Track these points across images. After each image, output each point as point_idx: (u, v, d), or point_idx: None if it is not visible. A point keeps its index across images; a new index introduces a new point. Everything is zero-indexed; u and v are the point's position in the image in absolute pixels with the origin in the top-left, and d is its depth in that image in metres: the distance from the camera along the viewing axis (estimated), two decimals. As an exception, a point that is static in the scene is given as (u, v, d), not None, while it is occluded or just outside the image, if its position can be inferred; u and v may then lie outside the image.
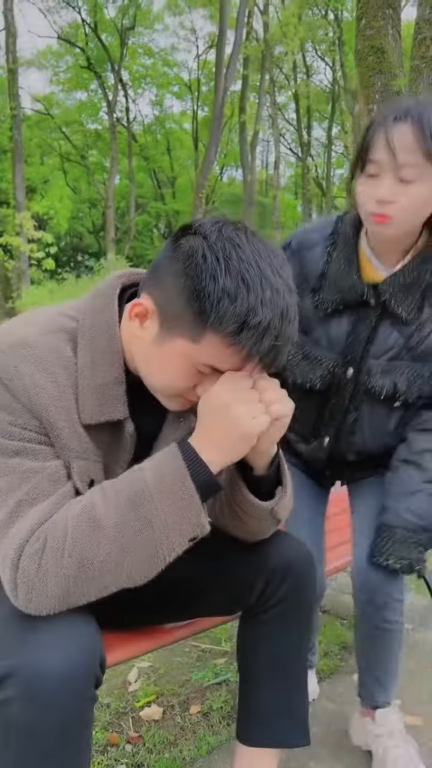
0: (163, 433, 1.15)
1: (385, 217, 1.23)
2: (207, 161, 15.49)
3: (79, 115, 28.21)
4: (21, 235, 12.06)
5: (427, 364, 1.39)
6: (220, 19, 15.10)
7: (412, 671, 2.01)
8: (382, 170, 1.22)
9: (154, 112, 32.21)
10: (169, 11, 27.06)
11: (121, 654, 1.32)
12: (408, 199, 1.22)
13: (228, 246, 0.90)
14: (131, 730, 1.74)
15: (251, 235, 0.94)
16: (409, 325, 1.36)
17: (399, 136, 1.19)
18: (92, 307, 1.06)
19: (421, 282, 1.34)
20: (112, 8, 24.35)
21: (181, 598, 1.29)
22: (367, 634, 1.53)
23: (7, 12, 15.97)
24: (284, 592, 1.22)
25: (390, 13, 4.20)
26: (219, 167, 31.95)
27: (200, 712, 1.82)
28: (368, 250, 1.39)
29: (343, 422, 1.49)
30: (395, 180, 1.21)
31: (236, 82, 20.62)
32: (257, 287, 0.89)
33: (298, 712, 1.28)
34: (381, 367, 1.39)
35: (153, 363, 1.01)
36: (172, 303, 0.94)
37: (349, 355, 1.41)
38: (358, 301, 1.37)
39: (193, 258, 0.90)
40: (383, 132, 1.20)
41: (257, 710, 1.27)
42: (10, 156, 17.46)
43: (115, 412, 1.03)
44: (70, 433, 1.00)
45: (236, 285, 0.88)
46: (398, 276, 1.34)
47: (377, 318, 1.37)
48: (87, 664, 0.89)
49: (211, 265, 0.89)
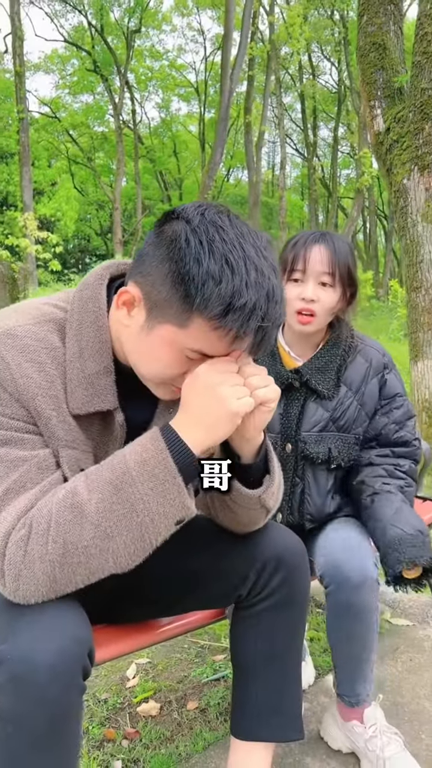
0: (154, 423, 1.15)
1: (311, 314, 1.55)
2: (213, 162, 15.47)
3: (86, 118, 28.28)
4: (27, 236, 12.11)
5: (351, 434, 1.62)
6: (225, 20, 15.09)
7: (414, 667, 2.00)
8: (306, 277, 1.55)
9: (160, 114, 32.24)
10: (177, 11, 27.13)
11: (116, 649, 1.32)
12: (327, 298, 1.55)
13: (211, 229, 0.90)
14: (128, 726, 1.74)
15: (234, 218, 0.94)
16: (330, 400, 1.60)
17: (318, 253, 1.54)
18: (80, 298, 1.06)
19: (333, 365, 1.62)
20: (118, 11, 24.42)
21: (173, 590, 1.28)
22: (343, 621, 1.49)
23: (13, 15, 16.05)
24: (276, 583, 1.22)
25: (392, 9, 4.18)
26: (225, 168, 31.98)
27: (197, 708, 1.81)
28: (285, 345, 1.66)
29: (291, 495, 1.63)
30: (316, 284, 1.55)
31: (242, 83, 20.65)
32: (241, 269, 0.88)
33: (292, 706, 1.27)
34: (313, 438, 1.60)
35: (142, 351, 1.00)
36: (158, 289, 0.93)
37: (284, 433, 1.62)
38: (285, 384, 1.59)
39: (177, 242, 0.90)
40: (304, 249, 1.55)
41: (251, 704, 1.26)
42: (17, 159, 17.54)
43: (104, 402, 1.03)
44: (58, 423, 1.00)
45: (220, 267, 0.87)
46: (314, 361, 1.62)
47: (304, 397, 1.60)
48: (76, 654, 0.89)
49: (195, 248, 0.88)
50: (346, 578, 1.43)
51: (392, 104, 4.25)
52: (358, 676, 1.54)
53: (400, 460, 1.63)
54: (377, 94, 4.24)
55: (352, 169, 28.76)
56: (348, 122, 25.46)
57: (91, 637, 0.94)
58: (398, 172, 4.16)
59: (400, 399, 1.66)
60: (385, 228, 28.37)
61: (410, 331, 4.31)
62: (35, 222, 12.15)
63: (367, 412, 1.63)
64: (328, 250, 1.55)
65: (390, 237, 24.94)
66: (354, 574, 1.42)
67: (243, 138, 21.38)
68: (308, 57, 25.32)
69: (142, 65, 27.00)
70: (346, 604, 1.44)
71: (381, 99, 4.23)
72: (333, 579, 1.45)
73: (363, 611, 1.45)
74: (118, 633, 1.35)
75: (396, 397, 1.65)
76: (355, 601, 1.43)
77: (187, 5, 26.56)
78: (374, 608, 1.47)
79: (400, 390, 1.66)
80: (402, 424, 1.65)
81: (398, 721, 1.72)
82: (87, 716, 1.77)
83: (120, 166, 23.03)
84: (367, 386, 1.63)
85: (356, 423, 1.62)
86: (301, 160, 33.11)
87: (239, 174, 35.04)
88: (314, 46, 24.92)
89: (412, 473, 1.64)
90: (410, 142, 4.06)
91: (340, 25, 22.26)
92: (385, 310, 15.17)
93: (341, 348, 1.63)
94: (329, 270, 1.54)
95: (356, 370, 1.63)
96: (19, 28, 16.26)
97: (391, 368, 1.67)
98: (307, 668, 1.88)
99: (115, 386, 1.04)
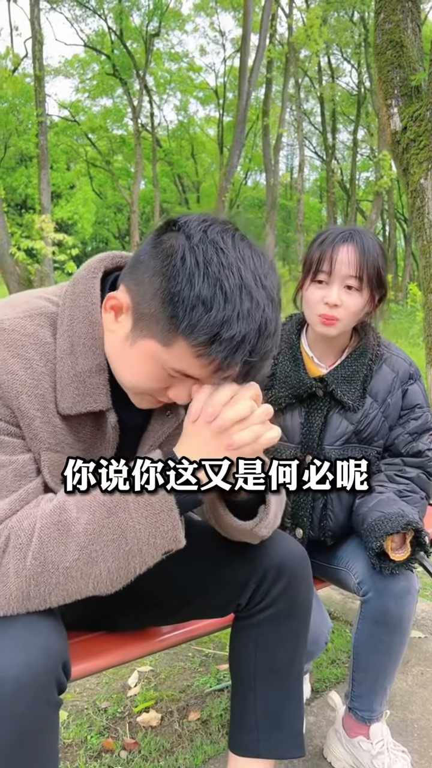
0: (151, 427, 1.10)
1: (334, 318, 1.44)
2: (230, 165, 15.42)
3: (105, 122, 28.46)
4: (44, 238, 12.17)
5: (373, 446, 1.56)
6: (243, 23, 15.06)
7: (425, 681, 1.92)
8: (331, 280, 1.45)
9: (178, 117, 32.31)
10: (198, 11, 27.15)
11: (114, 658, 1.28)
12: (353, 302, 1.45)
13: (210, 249, 0.83)
14: (127, 736, 1.69)
15: (239, 239, 0.87)
16: (355, 412, 1.52)
17: (345, 254, 1.43)
18: (72, 291, 1.01)
19: (358, 375, 1.53)
20: (137, 15, 24.53)
21: (171, 597, 1.24)
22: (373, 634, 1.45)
23: (33, 20, 16.17)
24: (278, 593, 1.16)
25: (409, 6, 4.09)
26: (243, 171, 31.95)
27: (199, 719, 1.76)
28: (309, 350, 1.58)
29: (313, 510, 1.56)
30: (341, 287, 1.44)
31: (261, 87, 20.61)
32: (235, 297, 0.82)
33: (293, 721, 1.22)
34: (337, 452, 1.52)
35: (124, 360, 0.95)
36: (147, 302, 0.88)
37: (305, 444, 1.53)
38: (308, 393, 1.52)
39: (172, 258, 0.84)
40: (331, 249, 1.45)
41: (250, 719, 1.21)
42: (36, 162, 17.67)
43: (96, 402, 0.98)
44: (42, 424, 0.95)
45: (213, 292, 0.82)
46: (339, 369, 1.53)
47: (328, 408, 1.52)
48: (45, 667, 0.84)
49: (190, 268, 0.82)
50: (388, 586, 1.40)
51: (409, 103, 4.17)
52: (378, 689, 1.49)
53: (407, 468, 1.57)
54: (394, 92, 4.15)
55: (372, 171, 28.52)
56: (368, 124, 25.29)
57: (65, 649, 0.90)
58: (415, 171, 4.08)
59: (419, 410, 1.58)
60: (404, 231, 28.12)
61: (426, 334, 4.22)
62: (52, 224, 12.19)
63: (390, 424, 1.56)
64: (357, 251, 1.43)
65: (409, 240, 24.68)
66: (398, 582, 1.39)
67: (261, 141, 21.30)
68: (327, 59, 25.22)
69: (161, 68, 27.10)
70: (385, 613, 1.41)
71: (398, 97, 4.15)
72: (373, 586, 1.42)
73: (401, 621, 1.42)
74: (117, 641, 1.31)
75: (415, 408, 1.58)
76: (395, 609, 1.41)
77: (209, 5, 26.58)
78: (411, 620, 1.43)
79: (420, 401, 1.59)
80: (417, 435, 1.57)
81: (406, 738, 1.65)
82: (86, 725, 1.73)
83: (138, 169, 23.12)
84: (393, 397, 1.55)
85: (379, 435, 1.56)
86: (319, 163, 32.96)
87: (257, 177, 34.98)
88: (334, 48, 24.80)
89: (421, 483, 1.57)
90: (427, 141, 3.98)
91: (360, 26, 22.12)
92: (403, 313, 15.03)
93: (368, 357, 1.55)
94: (356, 273, 1.43)
95: (383, 380, 1.55)
96: (39, 33, 16.36)
97: (417, 379, 1.60)
98: (306, 683, 1.82)
99: (108, 385, 0.99)
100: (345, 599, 2.48)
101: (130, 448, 1.10)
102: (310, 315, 1.49)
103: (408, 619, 1.43)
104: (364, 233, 1.49)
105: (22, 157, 24.10)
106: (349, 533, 1.59)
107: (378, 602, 1.42)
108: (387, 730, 1.52)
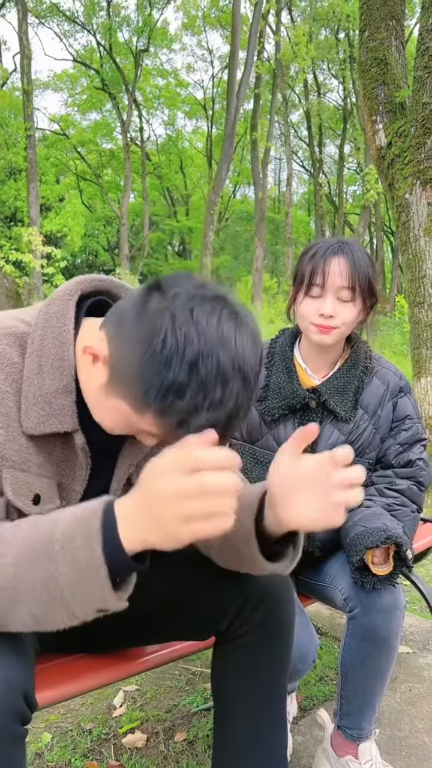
0: (125, 449, 1.09)
1: (329, 327, 1.48)
2: (219, 178, 15.57)
3: (94, 135, 28.61)
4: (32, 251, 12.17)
5: (364, 458, 1.56)
6: (231, 39, 15.26)
7: (413, 698, 1.91)
8: (324, 292, 1.48)
9: (167, 131, 32.56)
10: (187, 30, 27.48)
11: (97, 680, 1.25)
12: (347, 313, 1.48)
13: (192, 332, 0.81)
14: (112, 758, 1.66)
15: (225, 318, 0.84)
16: (347, 423, 1.54)
17: (337, 267, 1.47)
18: (46, 312, 1.00)
19: (351, 386, 1.55)
20: (127, 31, 24.76)
21: (150, 620, 1.21)
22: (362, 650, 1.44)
23: (21, 35, 16.29)
24: (259, 618, 1.14)
25: (393, 25, 4.17)
26: (232, 185, 32.17)
27: (185, 740, 1.73)
28: (302, 362, 1.60)
29: None
30: (335, 299, 1.47)
31: (248, 101, 20.82)
32: (210, 384, 0.81)
33: (277, 746, 1.19)
34: None
35: (99, 405, 0.96)
36: (123, 366, 0.87)
37: None
38: (301, 404, 1.53)
39: (155, 337, 0.82)
40: (323, 262, 1.47)
41: (233, 744, 1.18)
42: (25, 175, 17.71)
43: (61, 423, 0.96)
44: (6, 441, 0.93)
45: (188, 380, 0.80)
46: (332, 380, 1.55)
47: (320, 419, 1.54)
48: (7, 699, 0.80)
49: (169, 351, 0.81)
50: (375, 602, 1.38)
51: (394, 119, 4.23)
52: (366, 708, 1.47)
53: (397, 479, 1.57)
54: (379, 108, 4.21)
55: (359, 185, 28.84)
56: (354, 139, 25.60)
57: (28, 679, 0.86)
58: (400, 186, 4.12)
59: (410, 421, 1.59)
60: (392, 243, 28.39)
61: (413, 347, 4.25)
62: (40, 237, 12.20)
63: (381, 436, 1.57)
64: (348, 263, 1.47)
65: (396, 252, 24.92)
66: (383, 597, 1.38)
67: (249, 154, 21.49)
68: (314, 75, 25.55)
69: (150, 84, 27.32)
70: (372, 629, 1.39)
71: (383, 114, 4.21)
72: (360, 602, 1.40)
73: (388, 637, 1.40)
74: (99, 662, 1.28)
75: (406, 419, 1.59)
76: (382, 625, 1.39)
77: (195, 23, 26.91)
78: (398, 636, 1.42)
79: (410, 413, 1.60)
80: (407, 446, 1.58)
81: (394, 757, 1.63)
82: (70, 747, 1.70)
83: (127, 183, 23.23)
84: (384, 410, 1.57)
85: (370, 447, 1.56)
86: (307, 177, 33.26)
87: (246, 190, 35.26)
88: (321, 64, 25.13)
89: (412, 495, 1.56)
90: (412, 157, 4.03)
91: (346, 44, 22.46)
92: (390, 324, 15.12)
93: (359, 369, 1.57)
94: (349, 284, 1.46)
95: (373, 392, 1.57)
96: (27, 47, 16.49)
97: (407, 392, 1.61)
98: (291, 702, 1.79)
99: (74, 407, 0.97)
100: (333, 615, 2.47)
101: (107, 470, 1.08)
102: (306, 326, 1.52)
103: (396, 634, 1.42)
104: (353, 244, 1.52)
105: (11, 170, 24.11)
106: (338, 547, 1.58)
107: (365, 618, 1.40)
108: (376, 749, 1.50)
